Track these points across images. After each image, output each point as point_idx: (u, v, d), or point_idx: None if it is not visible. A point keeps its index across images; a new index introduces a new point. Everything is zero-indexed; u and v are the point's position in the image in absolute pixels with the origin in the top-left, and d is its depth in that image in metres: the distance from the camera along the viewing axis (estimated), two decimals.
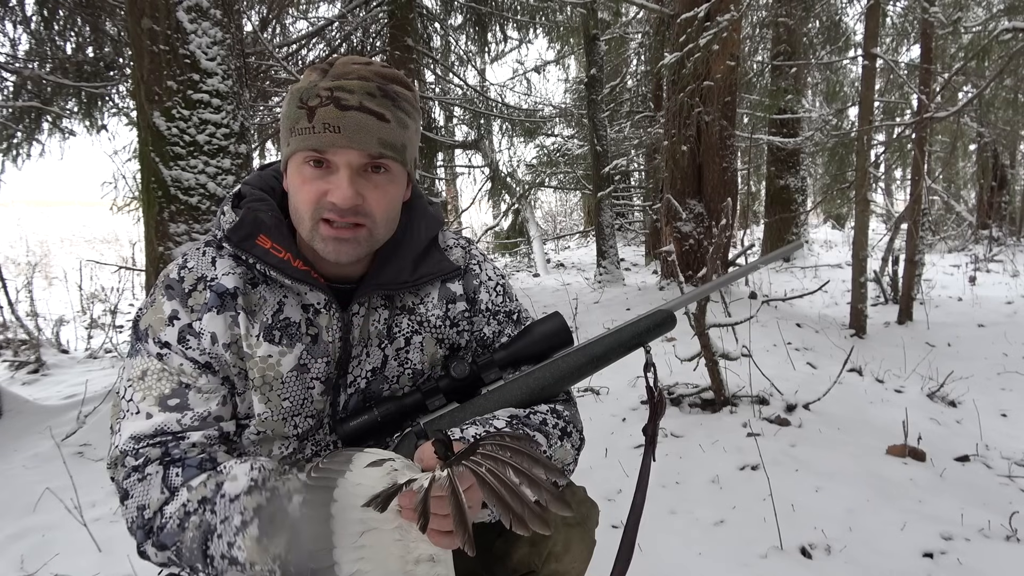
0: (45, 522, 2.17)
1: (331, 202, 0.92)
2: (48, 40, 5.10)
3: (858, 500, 2.15)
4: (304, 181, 0.94)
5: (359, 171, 0.93)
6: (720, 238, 3.04)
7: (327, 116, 0.90)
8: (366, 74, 0.93)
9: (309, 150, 0.92)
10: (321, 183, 0.93)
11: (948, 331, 5.03)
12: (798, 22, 8.50)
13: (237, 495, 0.88)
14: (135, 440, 0.94)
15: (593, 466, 2.45)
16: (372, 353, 1.05)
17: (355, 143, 0.90)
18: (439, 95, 9.25)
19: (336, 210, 0.92)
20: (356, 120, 0.90)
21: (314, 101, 0.91)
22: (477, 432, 0.93)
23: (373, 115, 0.91)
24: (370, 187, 0.94)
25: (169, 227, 2.87)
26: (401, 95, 0.96)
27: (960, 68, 5.32)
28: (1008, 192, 12.33)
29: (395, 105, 0.94)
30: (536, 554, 1.01)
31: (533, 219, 10.45)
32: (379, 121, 0.92)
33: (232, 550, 0.85)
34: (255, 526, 0.85)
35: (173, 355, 0.97)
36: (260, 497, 0.87)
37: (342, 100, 0.90)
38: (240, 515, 0.86)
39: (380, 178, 0.95)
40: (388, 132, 0.93)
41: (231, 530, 0.86)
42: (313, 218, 0.94)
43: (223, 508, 0.87)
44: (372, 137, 0.91)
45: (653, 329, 1.12)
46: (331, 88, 0.91)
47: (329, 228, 0.93)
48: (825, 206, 12.28)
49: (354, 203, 0.92)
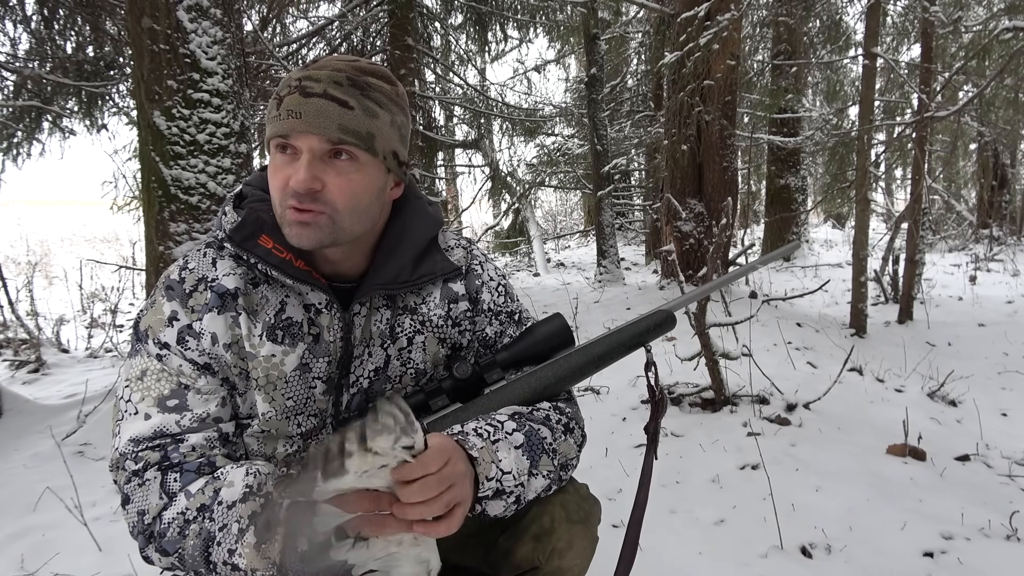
0: (45, 521, 2.17)
1: (292, 187, 0.92)
2: (48, 39, 5.10)
3: (858, 499, 2.15)
4: (275, 168, 0.95)
5: (321, 157, 0.93)
6: (720, 237, 3.04)
7: (291, 103, 0.91)
8: (341, 66, 0.95)
9: (276, 136, 0.93)
10: (287, 169, 0.93)
11: (948, 330, 5.03)
12: (798, 21, 8.50)
13: (234, 502, 0.88)
14: (134, 443, 0.95)
15: (593, 465, 2.45)
16: (374, 353, 1.05)
17: (313, 128, 0.90)
18: (439, 94, 9.25)
19: (295, 195, 0.92)
20: (316, 106, 0.91)
21: (284, 91, 0.93)
22: (478, 426, 0.94)
23: (335, 101, 0.92)
24: (332, 173, 0.93)
25: (169, 226, 2.87)
26: (374, 85, 0.96)
27: (960, 67, 5.32)
28: (1008, 191, 12.33)
29: (363, 94, 0.94)
30: (540, 551, 1.02)
31: (533, 218, 10.45)
32: (340, 107, 0.92)
33: (233, 557, 0.85)
34: (251, 533, 0.85)
35: (172, 356, 0.97)
36: (255, 504, 0.87)
37: (307, 88, 0.92)
38: (237, 523, 0.86)
39: (343, 165, 0.94)
40: (350, 119, 0.92)
41: (231, 538, 0.86)
42: (282, 204, 0.94)
43: (221, 515, 0.88)
44: (332, 123, 0.91)
45: (653, 329, 1.12)
46: (300, 78, 0.93)
47: (294, 213, 0.94)
48: (825, 205, 12.28)
49: (309, 187, 0.91)
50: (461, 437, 0.91)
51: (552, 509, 1.02)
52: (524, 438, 0.95)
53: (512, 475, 0.91)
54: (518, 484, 0.92)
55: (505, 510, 0.93)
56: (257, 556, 0.84)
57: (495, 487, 0.90)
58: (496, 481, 0.90)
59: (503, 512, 0.93)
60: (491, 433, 0.93)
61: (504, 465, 0.91)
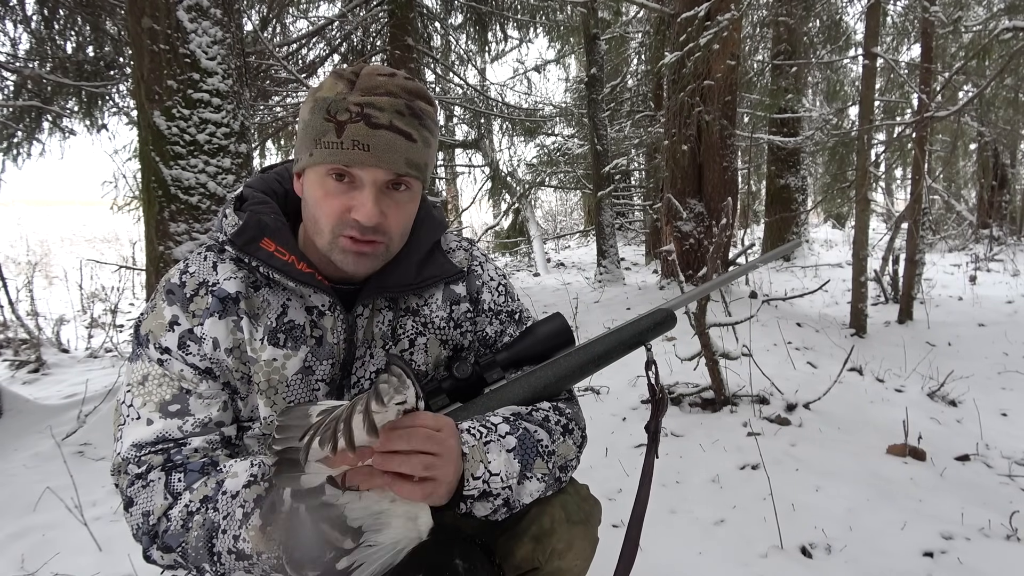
0: (45, 521, 2.17)
1: (355, 219, 0.93)
2: (48, 39, 5.10)
3: (858, 499, 2.15)
4: (327, 194, 0.94)
5: (383, 188, 0.94)
6: (720, 237, 3.04)
7: (357, 133, 0.90)
8: (394, 90, 0.93)
9: (336, 164, 0.92)
10: (344, 198, 0.93)
11: (948, 330, 5.03)
12: (798, 21, 8.49)
13: (237, 491, 0.89)
14: (137, 448, 0.95)
15: (593, 465, 2.45)
16: (376, 354, 1.05)
17: (383, 163, 0.91)
18: (439, 94, 9.25)
19: (359, 227, 0.93)
20: (386, 140, 0.91)
21: (343, 116, 0.90)
22: (471, 426, 0.94)
23: (402, 135, 0.92)
24: (392, 205, 0.95)
25: (169, 226, 2.86)
26: (426, 112, 0.96)
27: (960, 67, 5.31)
28: (1008, 191, 12.34)
29: (421, 124, 0.94)
30: (540, 551, 1.01)
31: (533, 218, 10.46)
32: (407, 141, 0.92)
33: (238, 543, 0.86)
34: (257, 516, 0.86)
35: (173, 361, 0.97)
36: (259, 488, 0.89)
37: (372, 118, 0.90)
38: (241, 507, 0.87)
39: (401, 196, 0.96)
40: (414, 152, 0.93)
41: (235, 524, 0.87)
42: (334, 232, 0.94)
43: (225, 505, 0.88)
44: (400, 157, 0.92)
45: (653, 328, 1.12)
46: (361, 104, 0.91)
47: (350, 243, 0.94)
48: (825, 205, 12.27)
49: (378, 221, 0.93)
50: None
51: (552, 510, 1.02)
52: (517, 441, 0.95)
53: (500, 477, 0.91)
54: (506, 487, 0.92)
55: (494, 512, 0.93)
56: (263, 538, 0.85)
57: (481, 488, 0.90)
58: (483, 482, 0.90)
59: (491, 515, 0.93)
60: (484, 434, 0.93)
61: (493, 467, 0.91)
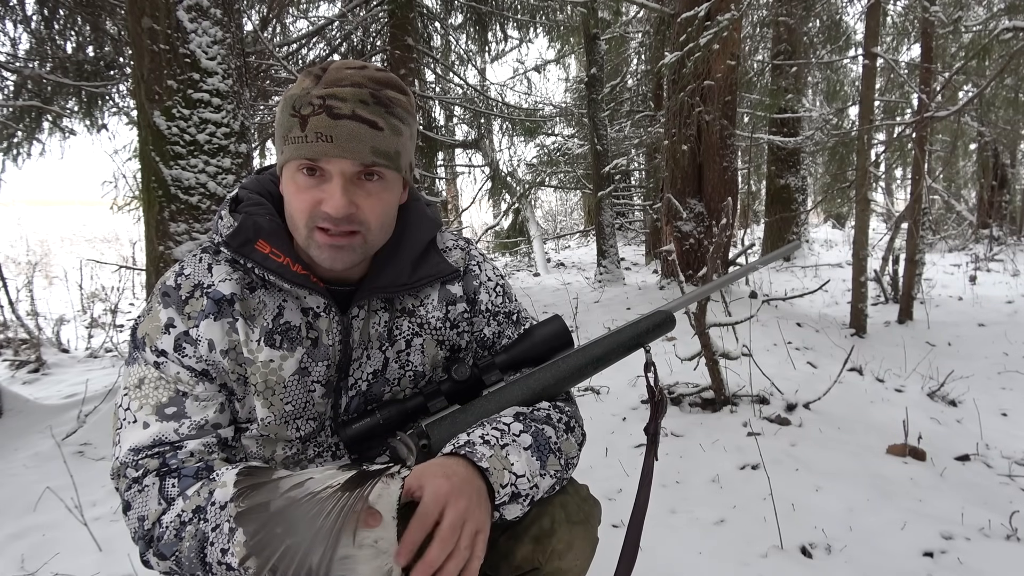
0: (45, 521, 2.17)
1: (325, 212, 0.92)
2: (48, 39, 5.10)
3: (858, 499, 2.15)
4: (298, 189, 0.93)
5: (352, 179, 0.92)
6: (720, 237, 3.04)
7: (319, 125, 0.89)
8: (359, 80, 0.92)
9: (302, 159, 0.91)
10: (315, 191, 0.92)
11: (948, 330, 5.03)
12: (798, 21, 8.49)
13: (226, 503, 0.88)
14: (134, 452, 0.95)
15: (593, 465, 2.45)
16: (373, 356, 1.05)
17: (347, 152, 0.90)
18: (439, 94, 9.25)
19: (330, 219, 0.92)
20: (348, 129, 0.89)
21: (306, 109, 0.90)
22: (484, 433, 0.93)
23: (366, 123, 0.91)
24: (363, 195, 0.94)
25: (169, 226, 2.86)
26: (395, 100, 0.95)
27: (960, 67, 5.31)
28: (1008, 191, 12.34)
29: (388, 112, 0.93)
30: (540, 551, 1.01)
31: (533, 218, 10.45)
32: (372, 129, 0.91)
33: (226, 556, 0.85)
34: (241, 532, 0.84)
35: (170, 363, 0.97)
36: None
37: (334, 108, 0.89)
38: (228, 522, 0.86)
39: (374, 186, 0.94)
40: (381, 140, 0.92)
41: (223, 537, 0.86)
42: (308, 226, 0.94)
43: (214, 516, 0.88)
44: (365, 146, 0.91)
45: (653, 330, 1.12)
46: (323, 96, 0.90)
47: (324, 236, 0.93)
48: (825, 205, 12.27)
49: (347, 212, 0.92)
50: (468, 450, 0.90)
51: (552, 510, 1.02)
52: (532, 439, 0.96)
53: (526, 477, 0.92)
54: (532, 486, 0.93)
55: (521, 512, 0.94)
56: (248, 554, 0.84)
57: (511, 492, 0.90)
58: (511, 486, 0.90)
59: (520, 514, 0.94)
60: (499, 438, 0.93)
61: (517, 468, 0.91)
